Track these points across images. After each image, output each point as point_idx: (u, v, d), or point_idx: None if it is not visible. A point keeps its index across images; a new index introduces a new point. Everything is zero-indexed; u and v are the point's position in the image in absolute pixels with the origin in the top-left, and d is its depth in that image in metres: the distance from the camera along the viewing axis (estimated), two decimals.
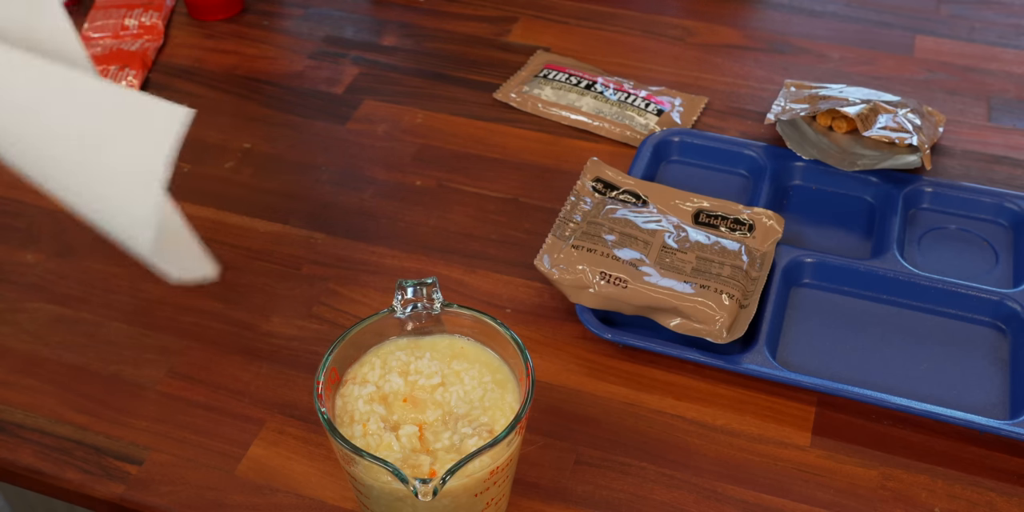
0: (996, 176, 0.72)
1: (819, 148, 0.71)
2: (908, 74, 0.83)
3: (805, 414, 0.56)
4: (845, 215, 0.69)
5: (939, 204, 0.69)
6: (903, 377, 0.58)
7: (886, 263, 0.63)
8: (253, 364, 0.58)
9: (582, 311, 0.59)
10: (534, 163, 0.73)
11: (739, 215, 0.65)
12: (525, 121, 0.77)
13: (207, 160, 0.73)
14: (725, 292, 0.58)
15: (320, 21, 0.88)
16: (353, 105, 0.78)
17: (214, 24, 0.87)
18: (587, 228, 0.62)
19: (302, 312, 0.61)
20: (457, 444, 0.45)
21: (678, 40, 0.86)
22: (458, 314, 0.48)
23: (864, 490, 0.52)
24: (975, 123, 0.78)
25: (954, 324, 0.61)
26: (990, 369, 0.59)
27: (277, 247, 0.66)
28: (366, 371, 0.48)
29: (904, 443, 0.55)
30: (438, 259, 0.65)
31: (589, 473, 0.53)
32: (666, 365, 0.58)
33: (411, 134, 0.75)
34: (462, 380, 0.48)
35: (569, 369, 0.58)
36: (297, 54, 0.84)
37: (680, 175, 0.72)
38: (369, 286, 0.63)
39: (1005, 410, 0.56)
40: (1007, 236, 0.67)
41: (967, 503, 0.52)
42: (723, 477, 0.53)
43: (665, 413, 0.56)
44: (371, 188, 0.71)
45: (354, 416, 0.46)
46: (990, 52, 0.85)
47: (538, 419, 0.55)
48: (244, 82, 0.81)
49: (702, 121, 0.77)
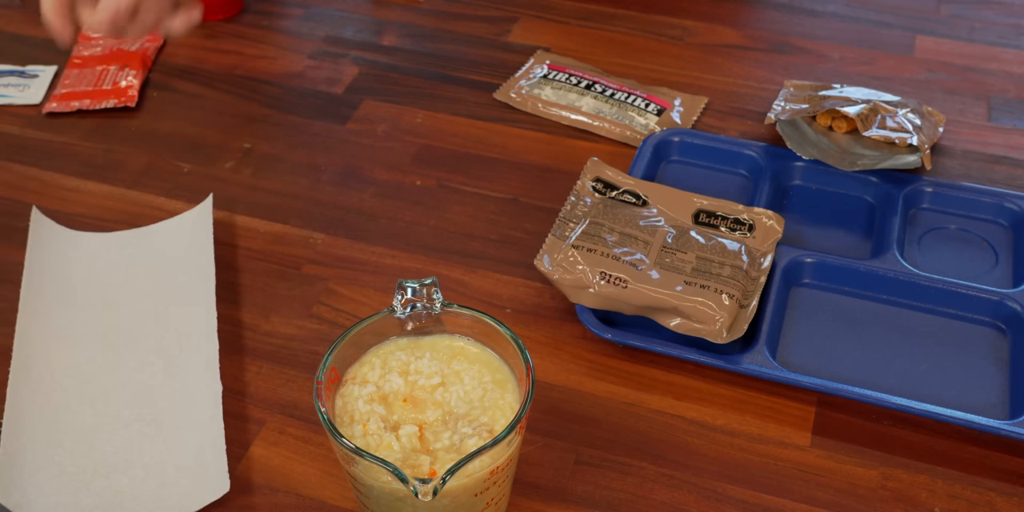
0: (996, 176, 0.72)
1: (819, 148, 0.71)
2: (908, 74, 0.83)
3: (805, 414, 0.56)
4: (845, 215, 0.69)
5: (939, 204, 0.69)
6: (903, 377, 0.58)
7: (886, 263, 0.63)
8: (254, 364, 0.58)
9: (582, 311, 0.59)
10: (534, 163, 0.73)
11: (739, 215, 0.65)
12: (525, 121, 0.77)
13: (207, 160, 0.73)
14: (725, 292, 0.58)
15: (320, 21, 0.88)
16: (353, 105, 0.78)
17: (214, 24, 0.87)
18: (587, 228, 0.62)
19: (302, 312, 0.61)
20: (457, 444, 0.45)
21: (678, 40, 0.86)
22: (458, 314, 0.48)
23: (864, 490, 0.52)
24: (975, 123, 0.78)
25: (954, 324, 0.61)
26: (990, 369, 0.59)
27: (277, 247, 0.66)
28: (366, 371, 0.48)
29: (904, 443, 0.55)
30: (438, 259, 0.65)
31: (589, 473, 0.53)
32: (666, 365, 0.58)
33: (411, 134, 0.75)
34: (462, 380, 0.48)
35: (569, 369, 0.58)
36: (297, 54, 0.84)
37: (680, 175, 0.72)
38: (369, 286, 0.63)
39: (1005, 410, 0.56)
40: (1007, 236, 0.67)
41: (967, 503, 0.52)
42: (723, 477, 0.53)
43: (665, 413, 0.56)
44: (371, 188, 0.71)
45: (354, 416, 0.46)
46: (990, 52, 0.85)
47: (538, 419, 0.55)
48: (244, 82, 0.81)
49: (702, 121, 0.77)
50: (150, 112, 0.78)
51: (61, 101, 0.78)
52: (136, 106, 0.78)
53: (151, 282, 0.62)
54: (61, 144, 0.74)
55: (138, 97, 0.78)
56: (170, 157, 0.73)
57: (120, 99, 0.78)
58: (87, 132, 0.75)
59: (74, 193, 0.70)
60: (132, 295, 0.61)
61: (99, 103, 0.77)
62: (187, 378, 0.56)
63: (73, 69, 0.81)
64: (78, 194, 0.70)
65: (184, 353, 0.57)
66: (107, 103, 0.77)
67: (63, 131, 0.75)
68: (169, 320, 0.59)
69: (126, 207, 0.69)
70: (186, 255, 0.63)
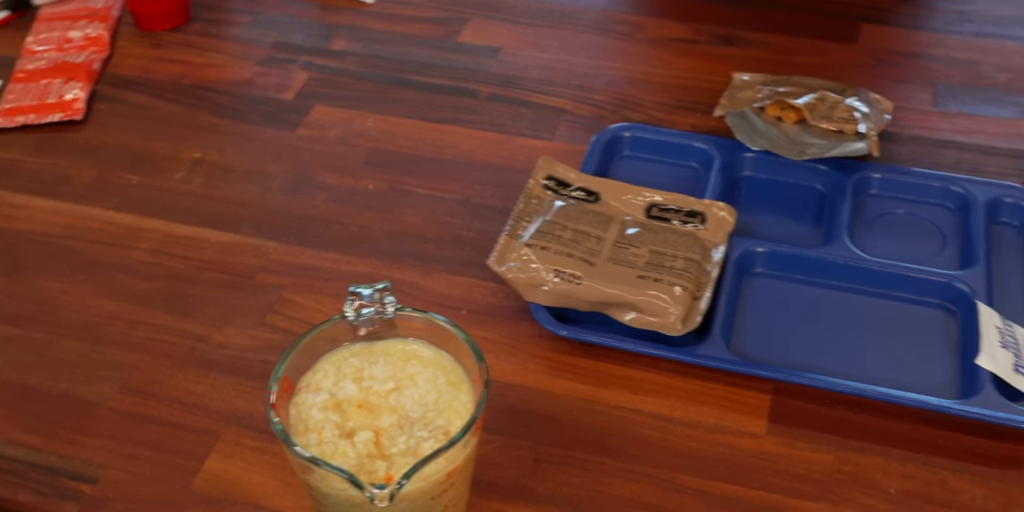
0: (943, 160, 0.73)
1: (768, 138, 0.72)
2: (855, 62, 0.83)
3: (761, 402, 0.56)
4: (796, 204, 0.70)
5: (887, 190, 0.70)
6: (857, 361, 0.59)
7: (836, 250, 0.64)
8: (208, 376, 0.58)
9: (537, 309, 0.59)
10: (486, 163, 0.73)
11: (691, 207, 0.65)
12: (477, 122, 0.77)
13: (156, 171, 0.72)
14: (678, 285, 0.58)
15: (268, 28, 0.87)
16: (303, 111, 0.78)
17: (161, 34, 0.86)
18: (540, 226, 0.62)
19: (256, 321, 0.61)
20: (413, 448, 0.45)
21: (627, 36, 0.87)
22: (411, 318, 0.48)
23: (820, 474, 0.53)
24: (921, 109, 0.79)
25: (905, 307, 0.62)
26: (940, 350, 0.59)
27: (229, 257, 0.65)
28: (320, 378, 0.48)
29: (858, 426, 0.55)
30: (392, 263, 0.65)
31: (548, 471, 0.53)
32: (622, 360, 0.59)
33: (362, 138, 0.75)
34: (416, 383, 0.47)
35: (526, 368, 0.58)
36: (246, 61, 0.83)
37: (632, 170, 0.72)
38: (323, 293, 0.63)
39: (956, 390, 0.57)
40: (954, 219, 0.68)
41: (921, 482, 0.53)
42: (681, 468, 0.53)
43: (623, 408, 0.56)
44: (323, 194, 0.70)
45: (308, 424, 0.46)
46: (935, 38, 0.86)
47: (496, 419, 0.55)
48: (193, 91, 0.80)
49: (653, 115, 0.77)
50: (97, 125, 0.77)
51: (5, 116, 0.76)
52: (83, 119, 0.77)
53: None
54: (6, 160, 0.73)
55: (85, 110, 0.77)
56: (119, 170, 0.72)
57: (66, 113, 0.77)
58: (33, 147, 0.75)
59: (21, 210, 0.69)
60: None
61: (45, 117, 0.76)
62: None
63: (17, 83, 0.80)
64: (25, 211, 0.69)
65: None
66: (53, 117, 0.76)
67: (8, 147, 0.74)
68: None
69: (75, 222, 0.68)
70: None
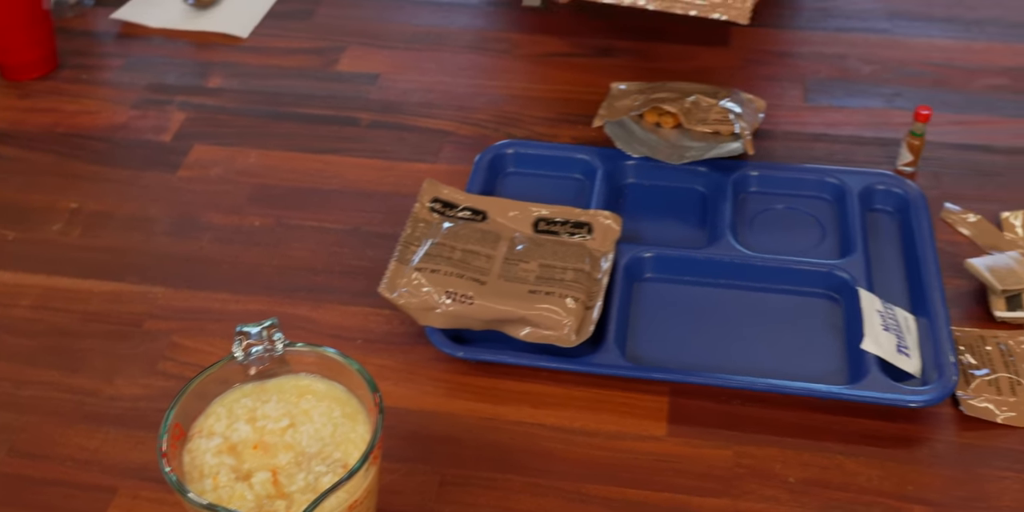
0: (816, 153, 0.76)
1: (648, 145, 0.74)
2: (728, 65, 0.86)
3: (659, 405, 0.57)
4: (679, 207, 0.71)
5: (766, 186, 0.72)
6: (750, 356, 0.60)
7: (721, 249, 0.65)
8: (100, 431, 0.56)
9: (432, 332, 0.60)
10: (372, 190, 0.73)
11: (577, 219, 0.66)
12: (360, 149, 0.77)
13: (32, 225, 0.70)
14: (570, 296, 0.59)
15: (141, 70, 0.85)
16: (183, 152, 0.77)
17: (28, 83, 0.84)
18: (429, 249, 0.62)
19: (147, 370, 0.59)
20: (312, 484, 0.44)
21: (505, 53, 0.88)
22: (301, 352, 0.48)
23: (720, 470, 0.54)
24: (793, 105, 0.81)
25: (791, 299, 0.64)
26: (829, 338, 0.61)
27: (115, 306, 0.64)
28: (212, 423, 0.47)
29: (753, 420, 0.57)
30: (283, 298, 0.64)
31: (454, 493, 0.53)
32: (520, 375, 0.59)
33: (245, 175, 0.74)
34: (311, 418, 0.47)
35: (425, 392, 0.58)
36: (120, 105, 0.81)
37: (518, 186, 0.73)
38: (215, 334, 0.62)
39: (845, 375, 0.59)
40: (831, 210, 0.71)
41: (818, 468, 0.54)
42: (586, 478, 0.54)
43: (524, 423, 0.56)
44: (208, 234, 0.69)
45: (203, 470, 0.45)
46: (801, 36, 0.90)
47: (398, 446, 0.55)
48: (66, 140, 0.78)
49: (534, 130, 0.78)
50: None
51: None
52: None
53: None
54: None
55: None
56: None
57: None
58: None
59: None
60: None
61: None
62: None
63: None
64: None
65: None
66: None
67: None
68: None
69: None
70: None
